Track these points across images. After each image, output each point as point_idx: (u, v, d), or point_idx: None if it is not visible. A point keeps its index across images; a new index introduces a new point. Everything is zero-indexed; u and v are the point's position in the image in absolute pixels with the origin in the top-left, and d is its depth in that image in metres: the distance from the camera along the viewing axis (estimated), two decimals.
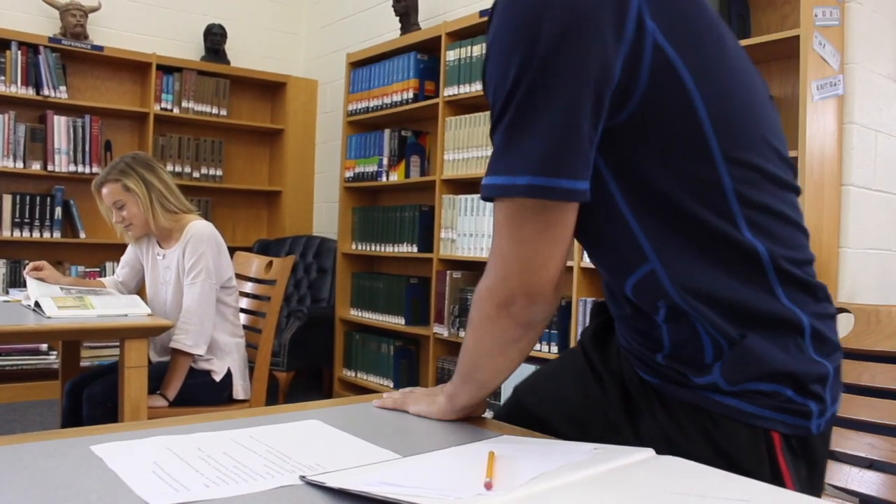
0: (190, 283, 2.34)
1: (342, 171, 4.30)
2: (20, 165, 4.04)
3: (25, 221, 4.06)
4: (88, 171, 4.19)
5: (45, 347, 4.08)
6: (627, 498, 0.68)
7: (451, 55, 3.60)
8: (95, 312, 2.17)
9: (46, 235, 4.12)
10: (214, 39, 4.73)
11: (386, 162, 4.00)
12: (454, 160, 3.56)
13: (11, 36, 3.99)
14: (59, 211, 4.14)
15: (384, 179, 4.01)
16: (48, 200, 4.12)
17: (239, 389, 2.45)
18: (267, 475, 0.74)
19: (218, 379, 2.40)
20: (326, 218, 4.98)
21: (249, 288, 2.73)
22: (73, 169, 4.17)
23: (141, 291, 2.60)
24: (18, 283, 3.91)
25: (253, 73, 4.84)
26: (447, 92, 3.61)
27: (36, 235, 4.09)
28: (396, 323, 3.88)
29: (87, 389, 2.29)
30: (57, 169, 4.12)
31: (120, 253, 2.73)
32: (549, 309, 0.87)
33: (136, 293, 2.56)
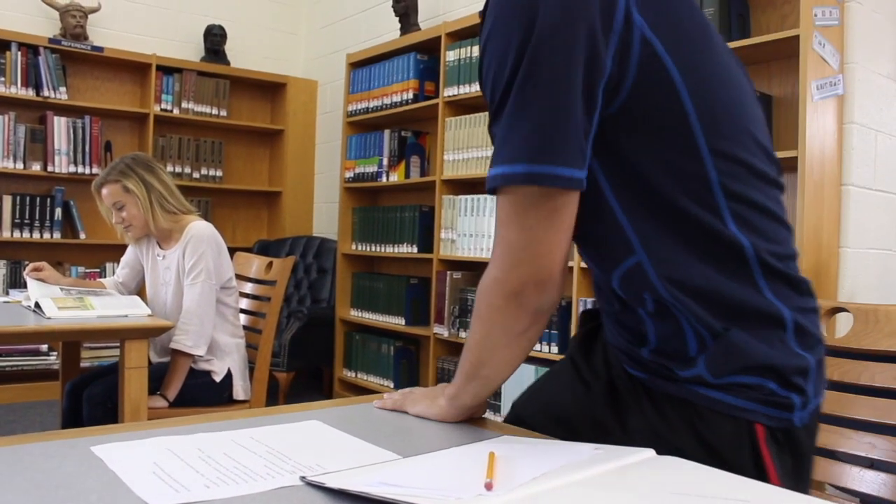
0: (190, 283, 2.34)
1: (342, 171, 4.31)
2: (20, 166, 4.04)
3: (25, 222, 4.06)
4: (88, 171, 4.20)
5: (45, 348, 4.08)
6: (627, 498, 0.68)
7: (450, 55, 3.60)
8: (95, 313, 2.17)
9: (46, 236, 4.12)
10: (214, 40, 4.73)
11: (386, 162, 4.00)
12: (454, 160, 3.56)
13: (11, 37, 3.99)
14: (59, 212, 4.14)
15: (384, 180, 4.01)
16: (48, 201, 4.12)
17: (239, 390, 2.45)
18: (267, 476, 0.75)
19: (218, 379, 2.41)
20: (326, 218, 4.98)
21: (249, 288, 2.73)
22: (73, 170, 4.18)
23: (141, 292, 2.60)
24: (18, 283, 3.91)
25: (253, 73, 4.84)
26: (447, 92, 3.61)
27: (36, 236, 4.09)
28: (396, 323, 3.88)
29: (87, 390, 2.30)
30: (57, 170, 4.13)
31: (120, 254, 2.73)
32: (557, 295, 0.88)
33: (136, 294, 2.56)
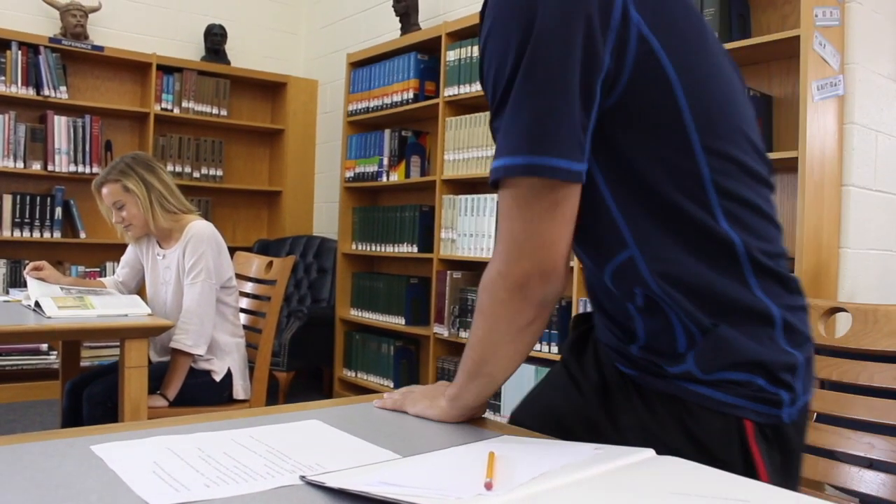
0: (190, 283, 2.34)
1: (342, 171, 4.31)
2: (20, 165, 4.04)
3: (26, 221, 4.06)
4: (89, 171, 4.20)
5: (45, 347, 4.08)
6: (627, 498, 0.68)
7: (451, 55, 3.60)
8: (95, 312, 2.17)
9: (47, 235, 4.12)
10: (215, 39, 4.73)
11: (386, 162, 4.00)
12: (454, 160, 3.56)
13: (12, 36, 3.99)
14: (59, 211, 4.14)
15: (384, 179, 4.01)
16: (48, 200, 4.12)
17: (239, 389, 2.45)
18: (267, 475, 0.75)
19: (218, 379, 2.41)
20: (326, 218, 4.98)
21: (249, 288, 2.73)
22: (73, 169, 4.18)
23: (141, 291, 2.60)
24: (19, 283, 3.92)
25: (253, 73, 4.84)
26: (447, 92, 3.61)
27: (36, 235, 4.09)
28: (396, 323, 3.88)
29: (87, 389, 2.30)
30: (57, 169, 4.13)
31: (120, 253, 2.73)
32: (561, 287, 0.88)
33: (136, 293, 2.56)
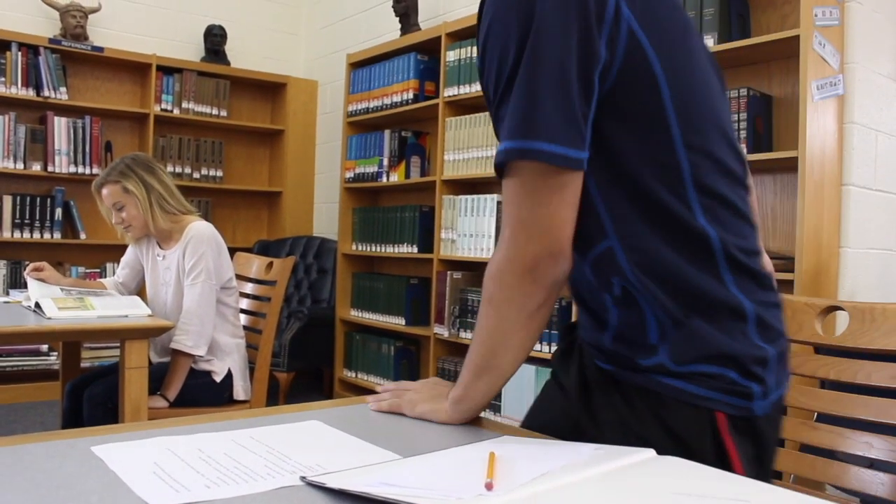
0: (190, 283, 2.34)
1: (342, 171, 4.31)
2: (20, 166, 4.04)
3: (26, 222, 4.06)
4: (89, 171, 4.20)
5: (45, 348, 4.08)
6: (628, 498, 0.68)
7: (451, 56, 3.60)
8: (96, 313, 2.17)
9: (47, 236, 4.12)
10: (214, 40, 4.73)
11: (386, 162, 4.01)
12: (454, 161, 3.56)
13: (12, 37, 3.99)
14: (59, 212, 4.14)
15: (384, 180, 4.01)
16: (48, 201, 4.13)
17: (239, 390, 2.45)
18: (267, 476, 0.75)
19: (218, 380, 2.41)
20: (327, 218, 4.98)
21: (250, 289, 2.73)
22: (73, 170, 4.18)
23: (141, 292, 2.60)
24: (19, 284, 3.92)
25: (253, 73, 4.84)
26: (447, 92, 3.61)
27: (36, 236, 4.09)
28: (397, 323, 3.88)
29: (87, 390, 2.30)
30: (57, 170, 4.13)
31: (120, 254, 2.73)
32: (568, 267, 0.90)
33: (136, 294, 2.56)
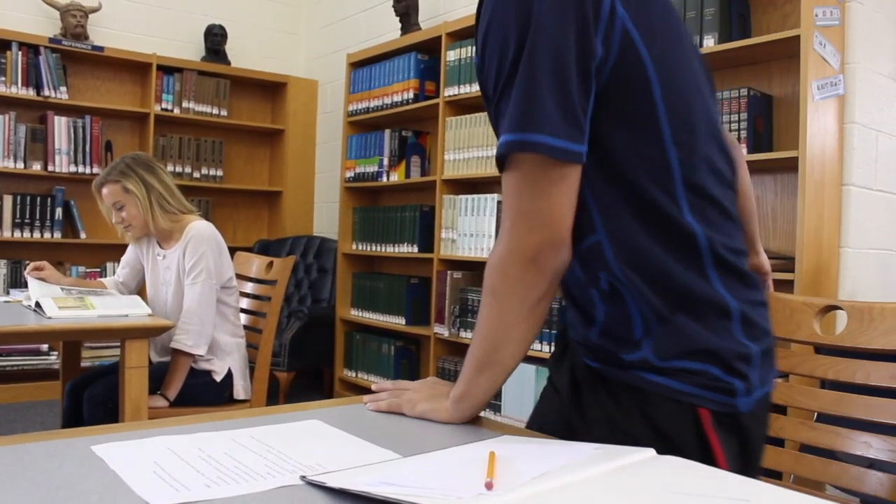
0: (190, 283, 2.34)
1: (343, 171, 4.31)
2: (21, 166, 4.04)
3: (26, 222, 4.06)
4: (89, 171, 4.20)
5: (45, 348, 4.09)
6: (627, 498, 0.68)
7: (451, 55, 3.60)
8: (96, 313, 2.17)
9: (47, 236, 4.12)
10: (215, 40, 4.73)
11: (386, 162, 4.00)
12: (454, 160, 3.56)
13: (12, 36, 3.99)
14: (59, 211, 4.14)
15: (385, 180, 4.01)
16: (49, 201, 4.13)
17: (240, 389, 2.45)
18: (267, 475, 0.75)
19: (218, 379, 2.41)
20: (327, 218, 4.98)
21: (250, 288, 2.73)
22: (73, 169, 4.18)
23: (141, 292, 2.60)
24: (19, 283, 3.92)
25: (253, 73, 4.84)
26: (447, 92, 3.61)
27: (37, 236, 4.09)
28: (397, 323, 3.88)
29: (87, 390, 2.30)
30: (57, 169, 4.13)
31: (120, 253, 2.73)
32: (568, 257, 0.91)
33: (136, 293, 2.56)
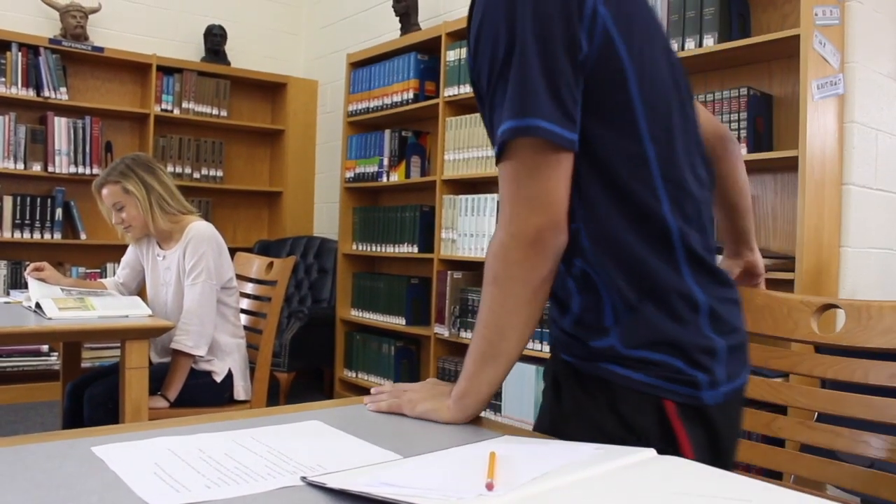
0: (190, 283, 2.34)
1: (343, 171, 4.31)
2: (21, 167, 4.04)
3: (26, 223, 4.06)
4: (89, 172, 4.20)
5: (45, 349, 4.09)
6: (628, 498, 0.68)
7: (451, 55, 3.60)
8: (96, 313, 2.17)
9: (47, 236, 4.12)
10: (214, 40, 4.73)
11: (386, 162, 4.00)
12: (454, 160, 3.56)
13: (12, 37, 3.99)
14: (59, 212, 4.14)
15: (385, 180, 4.01)
16: (49, 202, 4.13)
17: (240, 390, 2.45)
18: (268, 476, 0.75)
19: (219, 380, 2.41)
20: (327, 218, 4.98)
21: (250, 289, 2.73)
22: (73, 170, 4.18)
23: (142, 292, 2.60)
24: (19, 284, 3.92)
25: (253, 73, 4.84)
26: (447, 92, 3.61)
27: (37, 236, 4.09)
28: (397, 323, 3.88)
29: (88, 390, 2.30)
30: (57, 170, 4.13)
31: (120, 254, 2.73)
32: (566, 240, 0.94)
33: (136, 294, 2.56)
